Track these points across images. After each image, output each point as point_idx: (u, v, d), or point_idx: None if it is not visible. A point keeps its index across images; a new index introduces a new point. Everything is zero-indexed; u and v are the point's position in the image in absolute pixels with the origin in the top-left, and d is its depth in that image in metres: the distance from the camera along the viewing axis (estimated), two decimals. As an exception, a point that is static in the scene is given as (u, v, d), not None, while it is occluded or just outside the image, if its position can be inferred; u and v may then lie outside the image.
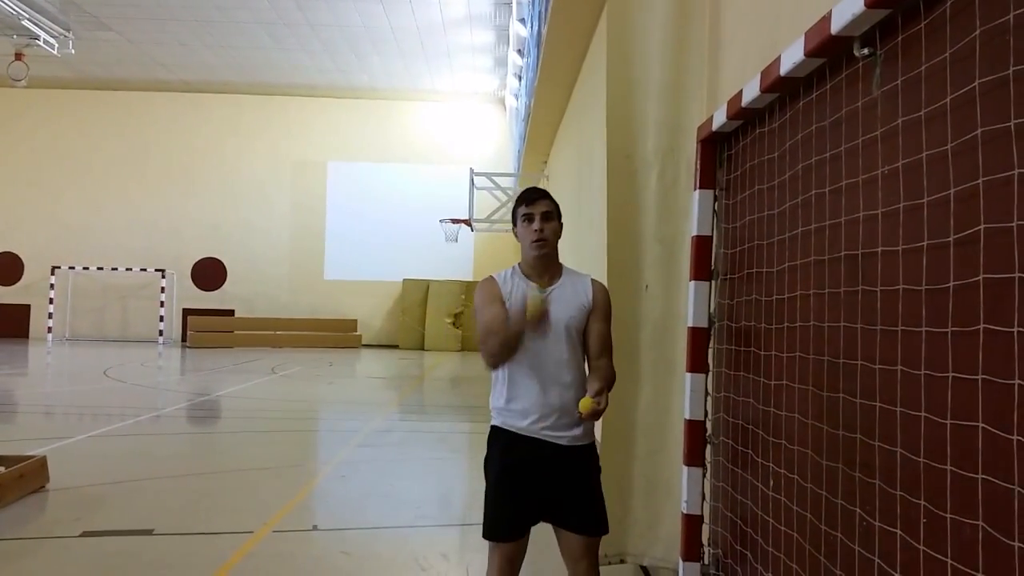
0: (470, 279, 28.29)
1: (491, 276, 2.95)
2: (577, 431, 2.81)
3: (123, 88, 28.89)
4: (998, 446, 1.69)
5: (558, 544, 2.85)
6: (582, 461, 2.83)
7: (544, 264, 2.88)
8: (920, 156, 2.04)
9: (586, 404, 2.64)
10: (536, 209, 2.84)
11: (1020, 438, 1.63)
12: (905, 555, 2.05)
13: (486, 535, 2.83)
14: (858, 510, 2.31)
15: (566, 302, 2.84)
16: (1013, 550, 1.63)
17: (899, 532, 2.08)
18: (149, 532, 4.86)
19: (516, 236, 2.95)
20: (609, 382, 2.84)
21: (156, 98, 29.03)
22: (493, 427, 2.90)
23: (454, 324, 27.22)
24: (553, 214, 2.87)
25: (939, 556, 1.89)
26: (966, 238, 1.84)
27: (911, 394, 2.04)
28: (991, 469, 1.72)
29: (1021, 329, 1.63)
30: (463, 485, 6.91)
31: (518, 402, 2.80)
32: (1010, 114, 1.68)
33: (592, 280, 2.96)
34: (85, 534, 4.79)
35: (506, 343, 2.71)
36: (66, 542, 4.66)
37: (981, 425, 1.75)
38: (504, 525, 2.79)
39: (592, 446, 2.88)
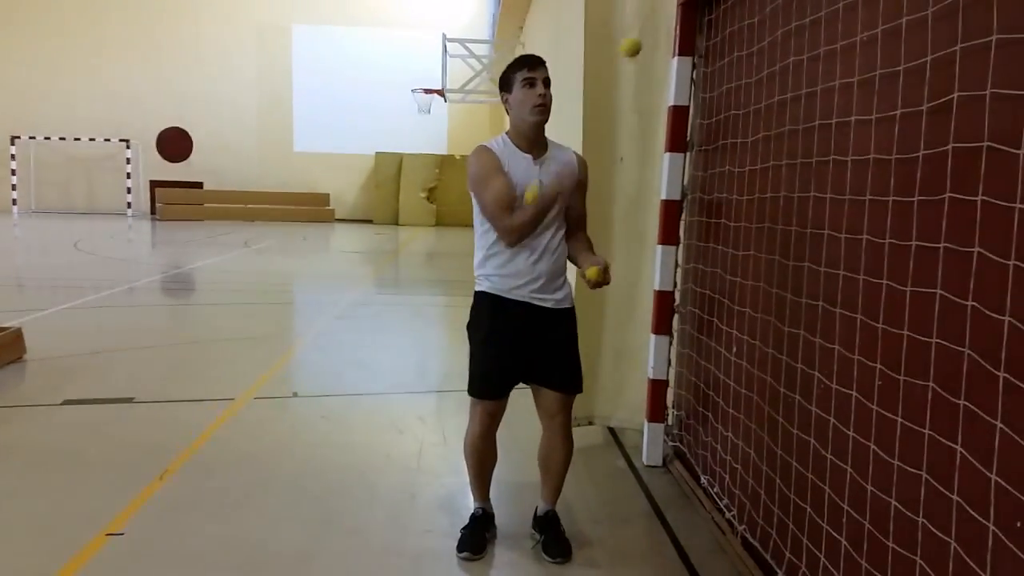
0: (444, 152, 27.86)
1: (483, 145, 2.87)
2: (560, 295, 2.88)
3: (72, -56, 27.10)
4: (954, 313, 1.75)
5: (535, 402, 2.97)
6: (564, 323, 2.90)
7: (537, 133, 2.83)
8: (900, 22, 2.01)
9: (595, 273, 2.65)
10: (539, 74, 2.76)
11: (975, 304, 1.68)
12: (860, 414, 2.16)
13: (472, 392, 2.94)
14: (816, 374, 2.41)
15: (555, 171, 2.82)
16: (959, 408, 1.72)
17: (854, 394, 2.18)
18: (130, 400, 4.95)
19: (506, 104, 2.85)
20: (591, 247, 2.93)
21: (109, -45, 27.32)
22: (480, 292, 2.93)
23: (428, 199, 27.01)
24: (550, 83, 2.81)
25: (890, 415, 2.00)
26: (939, 107, 1.84)
27: (875, 263, 2.09)
28: (945, 334, 1.79)
29: (985, 198, 1.66)
30: (439, 356, 7.06)
31: (509, 267, 2.82)
32: (993, -23, 1.64)
33: (575, 153, 2.95)
34: (67, 402, 4.87)
35: (534, 224, 2.74)
36: (48, 410, 4.75)
37: (939, 292, 1.81)
38: (491, 383, 2.90)
39: (572, 310, 2.95)
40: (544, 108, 2.76)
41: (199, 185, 27.97)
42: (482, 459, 3.04)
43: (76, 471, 3.78)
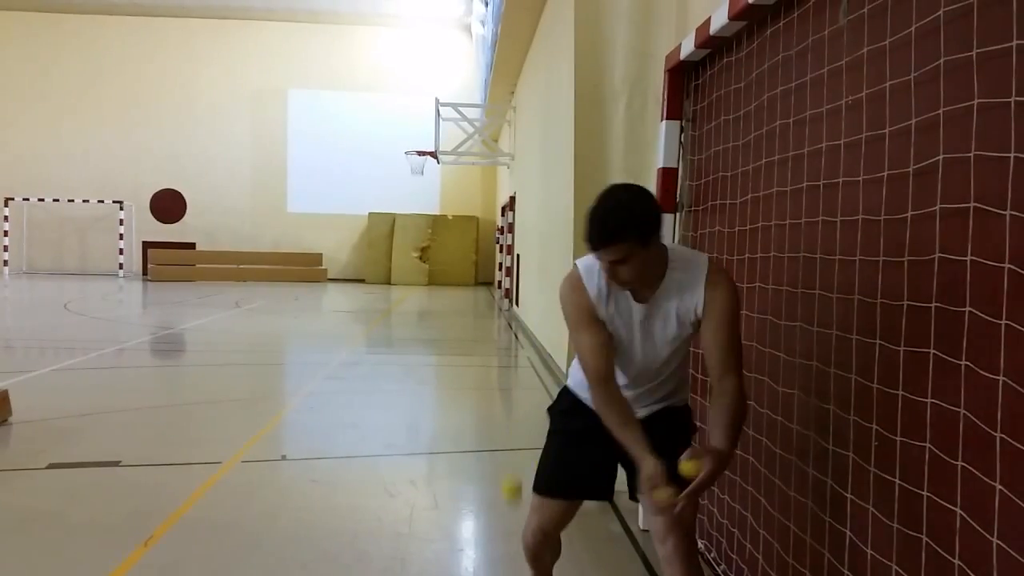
0: (436, 212, 28.11)
1: (576, 272, 2.28)
2: (657, 406, 2.38)
3: (74, 11, 27.69)
4: (947, 372, 1.75)
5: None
6: (660, 421, 2.35)
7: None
8: (884, 86, 2.05)
9: (689, 469, 1.97)
10: (606, 255, 2.08)
11: (968, 363, 1.68)
12: (856, 475, 2.13)
13: (535, 489, 2.48)
14: (812, 435, 2.39)
15: (670, 314, 2.21)
16: (956, 469, 1.70)
17: (851, 455, 2.15)
18: (116, 463, 4.86)
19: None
20: (737, 421, 2.11)
21: (107, 22, 27.92)
22: (564, 388, 2.58)
23: (421, 258, 27.13)
24: (629, 255, 2.06)
25: (888, 476, 1.97)
26: (925, 168, 1.87)
27: (867, 321, 2.09)
28: (940, 393, 1.78)
29: (974, 258, 1.67)
30: (430, 416, 6.99)
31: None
32: (973, 44, 1.68)
33: (709, 273, 2.18)
34: (52, 466, 4.78)
35: (610, 426, 2.18)
36: (32, 474, 4.65)
37: (932, 352, 1.81)
38: (553, 482, 2.45)
39: (680, 410, 2.44)
40: (627, 283, 2.15)
41: (192, 246, 28.05)
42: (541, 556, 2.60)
43: (59, 536, 3.69)
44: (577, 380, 2.47)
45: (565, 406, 2.52)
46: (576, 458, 2.45)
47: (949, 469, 1.73)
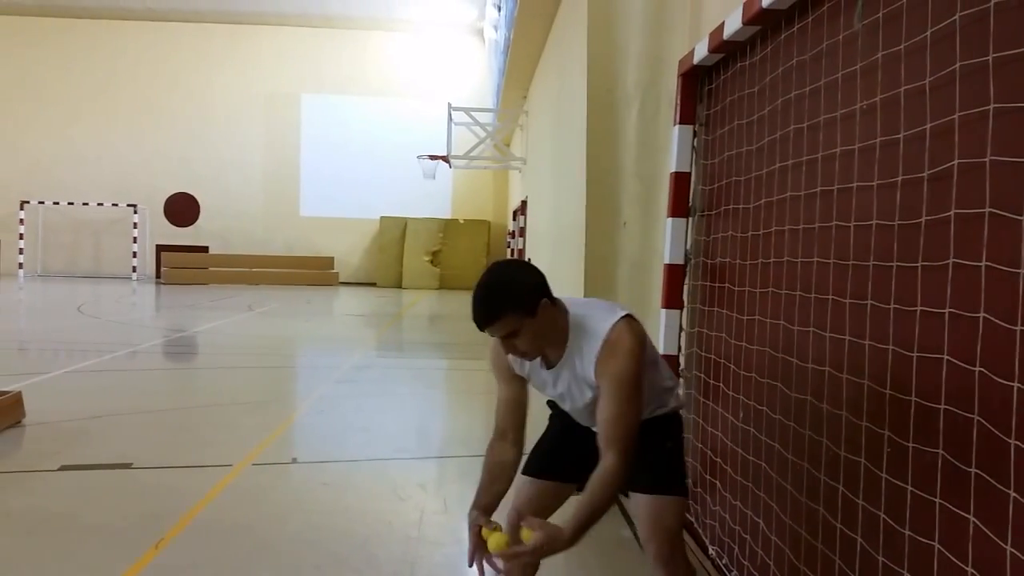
0: (448, 217, 28.16)
1: (497, 341, 2.22)
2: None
3: (89, 16, 27.95)
4: (962, 378, 1.74)
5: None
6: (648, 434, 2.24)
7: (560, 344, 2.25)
8: (898, 91, 2.04)
9: (499, 542, 2.10)
10: (491, 332, 2.14)
11: (983, 370, 1.67)
12: (868, 482, 2.12)
13: (522, 469, 2.47)
14: (825, 440, 2.37)
15: (576, 383, 2.23)
16: (970, 476, 1.69)
17: (863, 461, 2.14)
18: (128, 466, 4.89)
19: None
20: (594, 505, 2.03)
21: (121, 26, 28.15)
22: None
23: (432, 262, 27.18)
24: (517, 328, 2.10)
25: (900, 483, 1.96)
26: (940, 174, 1.85)
27: (880, 328, 2.08)
28: (954, 400, 1.77)
29: (989, 264, 1.66)
30: (440, 420, 6.99)
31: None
32: (989, 48, 1.67)
33: (603, 347, 2.14)
34: (64, 468, 4.81)
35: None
36: (45, 476, 4.68)
37: (946, 358, 1.80)
38: (534, 458, 2.49)
39: (659, 420, 2.37)
40: (524, 355, 2.19)
41: (205, 249, 28.20)
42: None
43: (71, 538, 3.71)
44: None
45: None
46: (553, 447, 2.52)
47: (962, 476, 1.71)
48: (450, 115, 20.17)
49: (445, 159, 20.82)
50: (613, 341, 2.14)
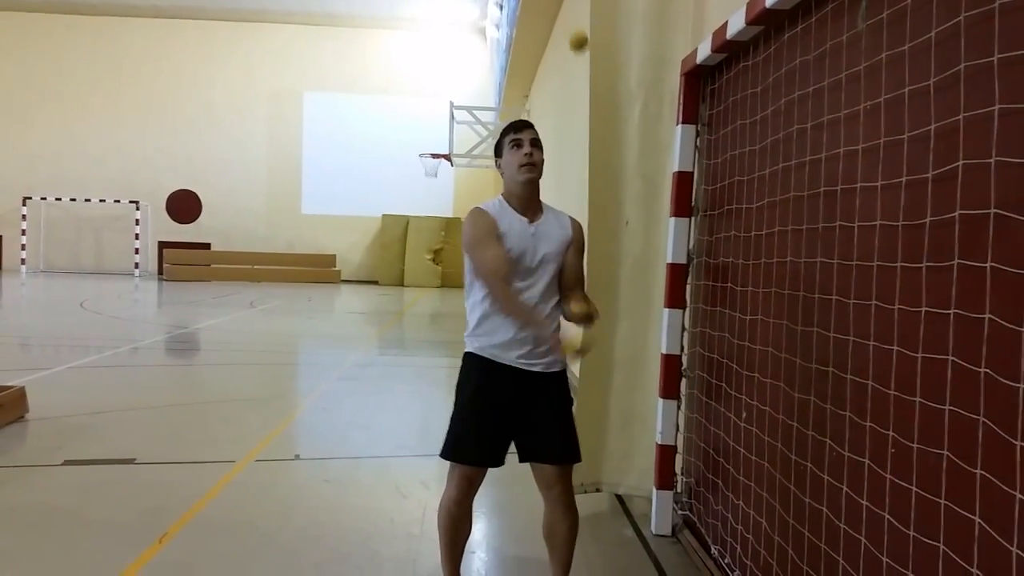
0: (450, 215, 28.16)
1: (479, 208, 2.81)
2: (550, 358, 2.78)
3: (93, 13, 27.96)
4: (966, 379, 1.74)
5: (533, 474, 2.85)
6: (553, 387, 2.79)
7: (530, 194, 2.80)
8: (902, 91, 2.04)
9: (580, 307, 2.67)
10: (525, 135, 2.77)
11: (988, 371, 1.67)
12: (872, 482, 2.12)
13: (448, 455, 2.79)
14: (828, 441, 2.37)
15: (550, 237, 2.80)
16: (975, 477, 1.69)
17: (867, 461, 2.15)
18: (131, 461, 4.90)
19: (500, 169, 2.87)
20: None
21: (127, 24, 28.19)
22: (468, 353, 2.84)
23: (434, 260, 27.19)
24: (539, 144, 2.80)
25: (904, 484, 1.96)
26: (944, 174, 1.85)
27: (884, 329, 2.08)
28: (958, 401, 1.77)
29: (994, 265, 1.66)
30: (442, 418, 6.98)
31: (497, 334, 2.74)
32: (994, 49, 1.67)
33: (570, 217, 2.92)
34: (67, 463, 4.82)
35: (517, 317, 2.71)
36: (48, 470, 4.69)
37: (951, 359, 1.80)
38: (471, 446, 2.76)
39: (563, 373, 2.84)
40: (532, 166, 2.75)
41: (207, 246, 28.23)
42: (456, 526, 2.86)
43: (74, 533, 3.72)
44: (483, 331, 2.78)
45: (479, 380, 2.78)
46: (477, 422, 2.77)
47: (967, 477, 1.71)
48: (452, 113, 20.17)
49: (447, 157, 20.82)
50: (575, 219, 2.95)
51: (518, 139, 2.78)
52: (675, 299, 3.84)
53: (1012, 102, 1.63)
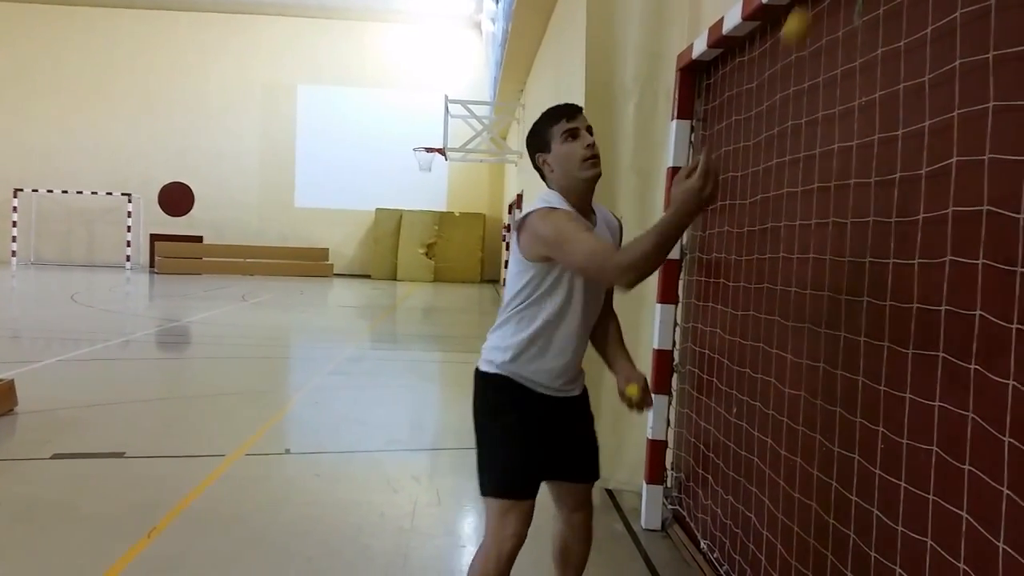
0: (444, 209, 28.13)
1: (552, 207, 2.29)
2: (582, 378, 2.53)
3: (86, 4, 27.79)
4: (956, 375, 1.74)
5: (553, 495, 2.57)
6: (587, 406, 2.55)
7: (590, 192, 2.36)
8: (897, 88, 2.04)
9: (636, 392, 2.34)
10: (581, 123, 2.31)
11: (978, 367, 1.67)
12: (862, 478, 2.13)
13: (503, 492, 2.32)
14: (818, 436, 2.38)
15: (606, 231, 2.42)
16: (964, 473, 1.70)
17: (857, 457, 2.15)
18: (121, 455, 4.87)
19: (545, 165, 2.38)
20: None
21: (120, 15, 28.03)
22: (496, 375, 2.39)
23: (427, 255, 27.16)
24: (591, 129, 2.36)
25: (893, 479, 1.97)
26: (938, 171, 1.85)
27: (876, 325, 2.08)
28: (948, 397, 1.77)
29: (986, 262, 1.66)
30: (434, 412, 6.99)
31: (545, 360, 2.35)
32: (990, 46, 1.67)
33: (616, 216, 2.56)
34: (56, 456, 4.79)
35: (660, 254, 2.03)
36: (37, 464, 4.67)
37: (941, 355, 1.80)
38: (530, 475, 2.36)
39: (587, 391, 2.58)
40: (597, 160, 2.31)
41: (199, 239, 28.13)
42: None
43: (64, 526, 3.70)
44: (528, 356, 2.35)
45: (520, 405, 2.37)
46: (529, 446, 2.36)
47: (955, 473, 1.72)
48: (447, 107, 20.12)
49: (441, 152, 20.77)
50: (621, 222, 2.58)
51: (573, 128, 2.30)
52: (667, 295, 3.84)
53: (1006, 99, 1.63)
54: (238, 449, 5.09)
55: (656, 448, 3.93)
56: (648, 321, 4.01)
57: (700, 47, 3.37)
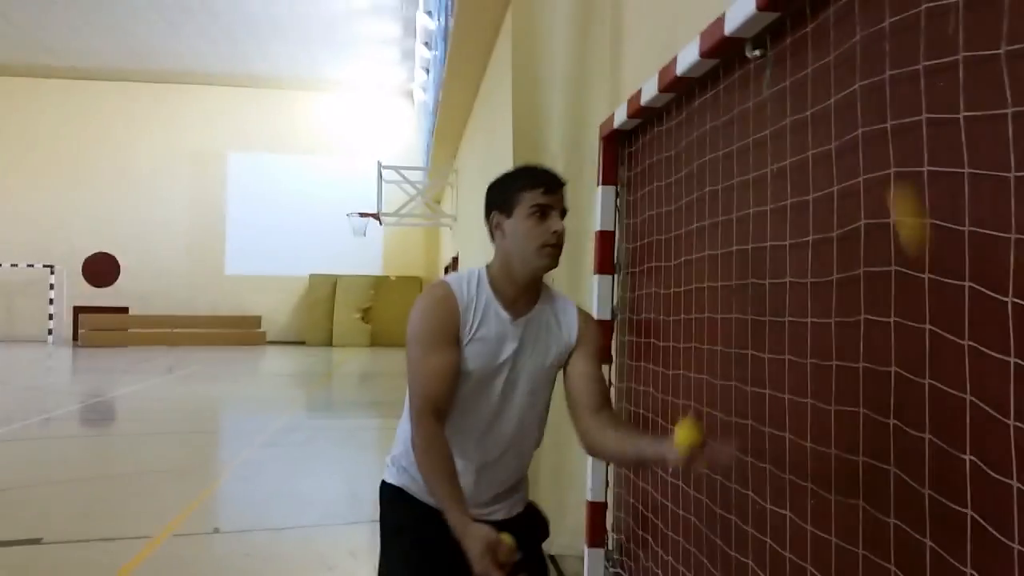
0: (380, 273, 27.99)
1: (444, 283, 1.97)
2: (516, 497, 2.11)
3: (5, 74, 27.22)
4: (877, 430, 1.79)
5: None
6: (524, 532, 1.97)
7: (536, 281, 2.00)
8: (806, 155, 2.14)
9: (690, 435, 1.64)
10: (557, 203, 1.93)
11: (896, 422, 1.73)
12: (794, 536, 2.16)
13: None
14: (751, 494, 2.41)
15: (539, 345, 2.00)
16: (889, 527, 1.74)
17: (788, 514, 2.18)
18: (37, 541, 4.61)
19: (497, 229, 1.98)
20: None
21: (42, 85, 27.49)
22: (392, 487, 2.08)
23: (363, 319, 26.88)
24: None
25: (823, 535, 2.00)
26: (848, 233, 1.94)
27: (798, 382, 2.14)
28: (871, 453, 1.82)
29: (898, 320, 1.74)
30: (372, 482, 6.83)
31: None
32: (887, 116, 1.78)
33: (578, 308, 2.14)
34: (-35, 547, 4.51)
35: (429, 484, 1.81)
36: (-57, 556, 4.38)
37: (862, 411, 1.86)
38: None
39: (531, 507, 2.19)
40: (558, 251, 1.93)
41: (125, 310, 27.28)
42: None
43: (-30, 625, 3.46)
44: (403, 465, 2.05)
45: (415, 512, 2.00)
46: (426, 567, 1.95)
47: (883, 527, 1.76)
48: (380, 173, 20.22)
49: (376, 216, 20.78)
50: (586, 312, 2.14)
51: (545, 205, 1.90)
52: (601, 353, 3.87)
53: (904, 166, 1.72)
54: (164, 529, 4.88)
55: (596, 510, 3.91)
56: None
57: (620, 117, 3.48)
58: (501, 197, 1.98)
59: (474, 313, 1.93)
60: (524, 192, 1.92)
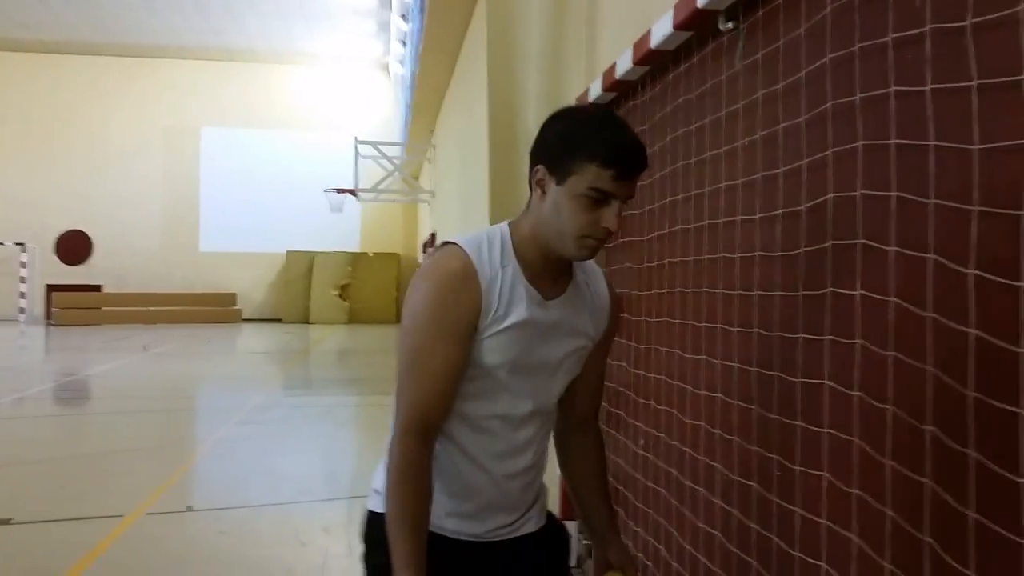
0: (357, 250, 27.84)
1: (459, 252, 1.52)
2: (542, 494, 1.78)
3: (-29, 46, 26.63)
4: (840, 401, 1.81)
5: None
6: (547, 547, 1.75)
7: (569, 263, 1.62)
8: (777, 128, 2.14)
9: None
10: (624, 192, 1.52)
11: (861, 394, 1.74)
12: (761, 505, 2.18)
13: None
14: (717, 465, 2.43)
15: (576, 326, 1.64)
16: (851, 497, 1.76)
17: (755, 485, 2.20)
18: (7, 522, 4.57)
19: (541, 186, 1.57)
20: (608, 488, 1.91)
21: (11, 59, 26.89)
22: (381, 517, 1.53)
23: (341, 296, 26.76)
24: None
25: (787, 505, 2.02)
26: (816, 206, 1.94)
27: (764, 354, 2.15)
28: (835, 423, 1.84)
29: (863, 292, 1.74)
30: (349, 459, 6.84)
31: (468, 502, 1.59)
32: (855, 89, 1.77)
33: (608, 283, 1.76)
34: (-67, 526, 4.47)
35: (392, 535, 1.46)
36: (-89, 535, 4.33)
37: (827, 383, 1.87)
38: None
39: (551, 519, 1.83)
40: (600, 245, 1.54)
41: (98, 288, 26.95)
42: None
43: (-62, 604, 3.43)
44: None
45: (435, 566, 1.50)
46: None
47: (844, 497, 1.78)
48: (357, 149, 20.04)
49: (353, 192, 20.63)
50: (616, 292, 1.76)
51: (608, 192, 1.48)
52: (575, 331, 3.88)
53: (873, 139, 1.72)
54: (137, 508, 4.85)
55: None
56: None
57: (596, 91, 3.46)
58: (559, 152, 1.52)
59: (500, 294, 1.51)
60: (590, 164, 1.47)
